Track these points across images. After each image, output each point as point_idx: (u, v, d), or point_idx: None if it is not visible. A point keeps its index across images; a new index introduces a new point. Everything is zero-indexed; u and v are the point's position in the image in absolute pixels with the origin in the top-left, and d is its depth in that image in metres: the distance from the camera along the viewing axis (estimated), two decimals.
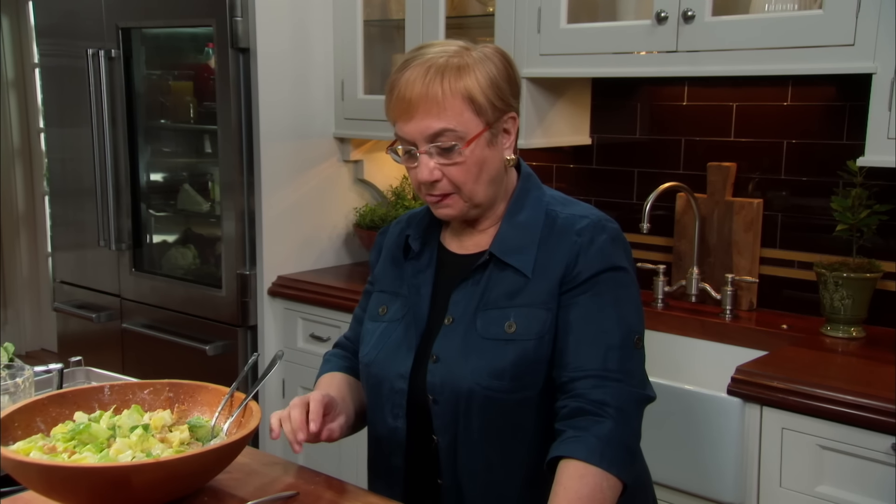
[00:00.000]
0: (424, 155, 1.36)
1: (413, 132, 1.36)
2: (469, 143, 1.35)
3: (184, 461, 1.18)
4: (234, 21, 2.75)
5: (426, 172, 1.36)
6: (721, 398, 1.93)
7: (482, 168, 1.38)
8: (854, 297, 2.13)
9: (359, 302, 1.63)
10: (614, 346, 1.33)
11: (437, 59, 1.35)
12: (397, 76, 1.38)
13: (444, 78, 1.33)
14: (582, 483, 1.24)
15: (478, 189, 1.39)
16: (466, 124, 1.35)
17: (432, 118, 1.34)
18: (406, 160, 1.40)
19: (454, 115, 1.34)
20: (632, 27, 2.29)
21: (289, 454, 1.85)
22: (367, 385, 1.49)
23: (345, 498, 1.33)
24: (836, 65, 1.98)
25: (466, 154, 1.35)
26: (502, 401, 1.35)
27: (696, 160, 2.54)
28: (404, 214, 1.61)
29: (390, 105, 1.39)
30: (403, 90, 1.35)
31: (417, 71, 1.35)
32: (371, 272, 1.60)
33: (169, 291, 3.10)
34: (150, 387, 1.43)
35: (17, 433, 1.29)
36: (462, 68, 1.35)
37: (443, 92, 1.33)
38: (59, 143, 3.50)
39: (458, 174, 1.37)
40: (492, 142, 1.39)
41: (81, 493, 1.16)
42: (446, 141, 1.35)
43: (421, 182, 1.39)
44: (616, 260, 1.38)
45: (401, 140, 1.39)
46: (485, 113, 1.36)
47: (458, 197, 1.39)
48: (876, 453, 1.74)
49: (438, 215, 1.44)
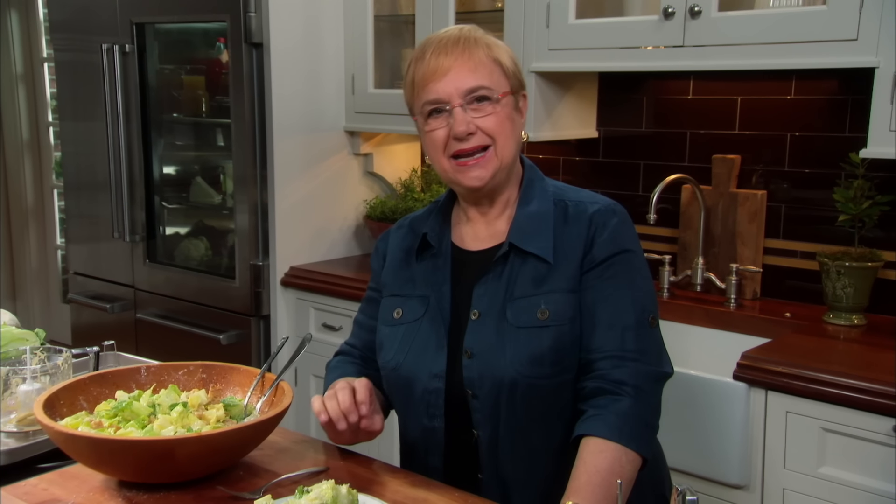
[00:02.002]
0: (459, 109, 1.41)
1: (448, 88, 1.41)
2: (503, 95, 1.43)
3: (224, 435, 1.24)
4: (248, 17, 2.80)
5: (462, 124, 1.41)
6: (727, 383, 1.99)
7: (512, 125, 1.45)
8: (856, 285, 2.19)
9: (360, 309, 1.64)
10: (630, 327, 1.39)
11: (466, 32, 1.45)
12: (425, 48, 1.44)
13: (477, 43, 1.43)
14: (601, 458, 1.30)
15: (509, 146, 1.45)
16: (498, 83, 1.43)
17: (468, 74, 1.41)
18: (433, 122, 1.43)
19: (486, 73, 1.42)
20: (639, 22, 2.34)
21: (320, 434, 1.86)
22: (395, 388, 1.49)
23: (374, 473, 1.39)
24: (839, 59, 2.03)
25: (501, 105, 1.42)
26: (544, 386, 1.39)
27: (701, 153, 2.59)
28: (402, 219, 1.63)
29: (420, 71, 1.43)
30: (438, 53, 1.42)
31: (450, 38, 1.43)
32: (373, 279, 1.62)
33: (183, 282, 3.16)
34: (184, 368, 1.49)
35: (63, 410, 1.35)
36: (489, 40, 1.46)
37: (477, 53, 1.42)
38: (73, 136, 3.55)
39: (492, 124, 1.42)
40: (515, 107, 1.47)
41: (128, 465, 1.23)
42: (481, 93, 1.41)
43: (456, 134, 1.41)
44: (627, 243, 1.44)
45: (429, 104, 1.43)
46: (511, 79, 1.46)
47: (492, 152, 1.43)
48: (877, 435, 1.79)
49: (468, 181, 1.44)
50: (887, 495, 1.79)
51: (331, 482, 1.18)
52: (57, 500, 1.27)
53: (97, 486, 1.31)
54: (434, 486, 1.35)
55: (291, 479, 1.33)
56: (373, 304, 1.60)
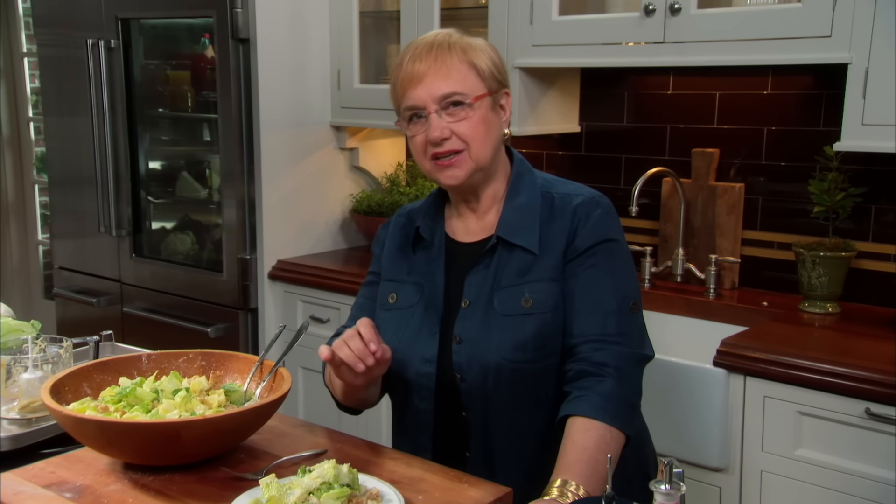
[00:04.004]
0: (434, 115, 1.47)
1: (423, 95, 1.47)
2: (476, 98, 1.47)
3: (229, 418, 1.28)
4: (235, 12, 2.83)
5: (437, 130, 1.47)
6: (707, 370, 2.05)
7: (487, 128, 1.49)
8: (830, 274, 2.26)
9: (359, 294, 1.69)
10: (612, 312, 1.45)
11: (441, 38, 1.50)
12: (403, 55, 1.50)
13: (450, 49, 1.48)
14: (587, 436, 1.35)
15: (484, 149, 1.50)
16: (472, 87, 1.48)
17: (441, 81, 1.46)
18: (413, 127, 1.50)
19: (460, 79, 1.47)
20: (621, 19, 2.40)
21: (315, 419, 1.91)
22: (389, 371, 1.53)
23: (370, 454, 1.44)
24: (814, 55, 2.10)
25: (474, 108, 1.47)
26: (528, 371, 1.46)
27: (681, 147, 2.66)
28: (402, 209, 1.69)
29: (399, 78, 1.50)
30: (414, 60, 1.48)
31: (425, 45, 1.48)
32: (373, 264, 1.68)
33: (169, 276, 3.19)
34: (184, 356, 1.53)
35: (69, 396, 1.39)
36: (465, 43, 1.50)
37: (450, 60, 1.47)
38: (58, 132, 3.56)
39: (466, 130, 1.47)
40: (493, 108, 1.51)
41: (135, 447, 1.27)
42: (455, 99, 1.46)
43: (431, 140, 1.48)
44: (610, 232, 1.51)
45: (408, 109, 1.49)
46: (487, 80, 1.50)
47: (466, 155, 1.49)
48: (851, 417, 1.86)
49: (445, 179, 1.51)
50: (860, 475, 1.85)
51: (332, 461, 1.23)
52: (65, 481, 1.31)
53: (103, 469, 1.35)
54: (428, 465, 1.40)
55: (291, 460, 1.38)
56: (373, 288, 1.66)
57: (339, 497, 1.19)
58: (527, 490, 1.38)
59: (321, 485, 1.19)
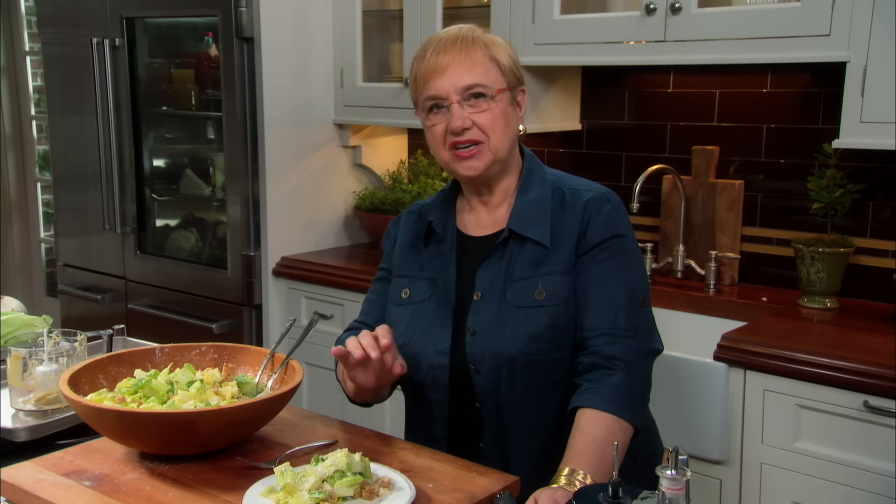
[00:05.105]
0: (456, 105, 1.50)
1: (446, 86, 1.50)
2: (497, 91, 1.50)
3: (242, 408, 1.31)
4: (239, 11, 2.86)
5: (459, 119, 1.50)
6: (708, 364, 2.08)
7: (507, 121, 1.53)
8: (829, 270, 2.29)
9: (370, 289, 1.72)
10: (622, 306, 1.48)
11: (465, 32, 1.53)
12: (426, 47, 1.53)
13: (474, 43, 1.52)
14: (596, 427, 1.38)
15: (503, 142, 1.53)
16: (494, 80, 1.51)
17: (464, 72, 1.50)
18: (433, 117, 1.53)
19: (483, 71, 1.50)
20: (622, 18, 2.43)
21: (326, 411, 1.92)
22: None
23: (381, 444, 1.47)
24: (813, 54, 2.13)
25: (496, 101, 1.50)
26: (541, 361, 1.49)
27: (681, 144, 2.68)
28: (413, 205, 1.72)
29: (421, 69, 1.52)
30: (438, 52, 1.51)
31: (449, 38, 1.52)
32: (384, 260, 1.71)
33: (174, 273, 3.21)
34: (197, 349, 1.56)
35: (86, 388, 1.42)
36: (487, 39, 1.54)
37: (474, 53, 1.50)
38: (62, 130, 3.58)
39: (487, 121, 1.50)
40: (511, 103, 1.55)
41: (152, 437, 1.30)
42: (477, 90, 1.50)
43: (452, 129, 1.50)
44: (620, 228, 1.54)
45: (429, 99, 1.52)
46: (507, 75, 1.53)
47: (485, 147, 1.52)
48: (849, 410, 1.89)
49: (463, 171, 1.54)
50: (859, 466, 1.89)
51: (345, 450, 1.26)
52: (84, 470, 1.34)
53: (120, 458, 1.38)
54: (437, 455, 1.43)
55: (303, 450, 1.41)
56: (384, 284, 1.68)
57: (351, 484, 1.22)
58: (539, 479, 1.40)
59: (334, 473, 1.22)
